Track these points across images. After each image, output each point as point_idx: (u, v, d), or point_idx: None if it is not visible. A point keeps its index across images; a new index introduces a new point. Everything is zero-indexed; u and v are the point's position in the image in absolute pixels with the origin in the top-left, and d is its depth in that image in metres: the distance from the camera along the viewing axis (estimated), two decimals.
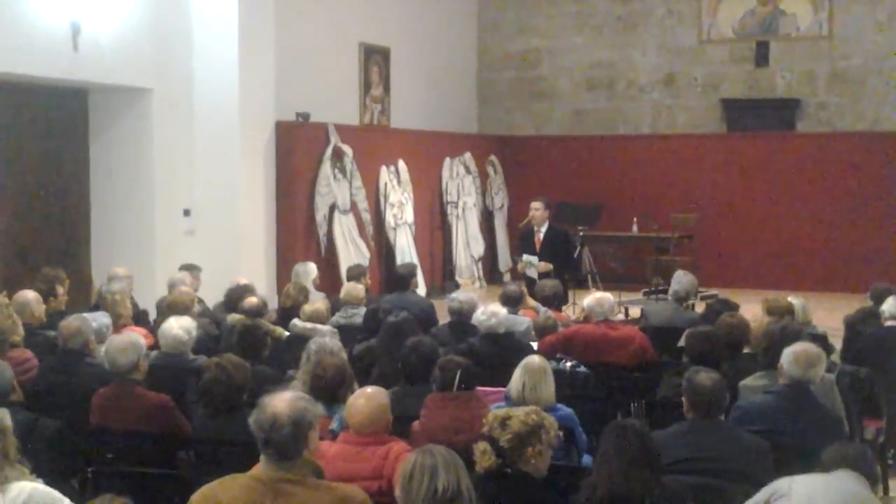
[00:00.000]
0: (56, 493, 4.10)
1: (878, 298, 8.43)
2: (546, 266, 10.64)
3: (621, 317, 11.24)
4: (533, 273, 10.61)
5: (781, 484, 4.20)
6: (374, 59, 15.21)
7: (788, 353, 5.75)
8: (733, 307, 8.17)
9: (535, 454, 4.34)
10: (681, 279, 9.22)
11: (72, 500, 4.06)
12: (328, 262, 12.99)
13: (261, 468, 3.84)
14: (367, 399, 4.80)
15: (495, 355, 7.16)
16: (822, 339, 7.12)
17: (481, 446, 4.35)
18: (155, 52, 11.55)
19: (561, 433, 4.61)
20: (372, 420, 4.73)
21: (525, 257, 10.78)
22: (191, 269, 9.84)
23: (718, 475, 4.41)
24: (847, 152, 15.87)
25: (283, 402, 3.84)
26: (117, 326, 7.50)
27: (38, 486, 4.11)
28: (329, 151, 13.28)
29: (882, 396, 7.06)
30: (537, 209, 11.00)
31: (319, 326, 8.08)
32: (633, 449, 4.23)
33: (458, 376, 5.52)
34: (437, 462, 3.63)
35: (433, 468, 3.62)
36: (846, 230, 15.72)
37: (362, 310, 8.60)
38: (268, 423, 3.77)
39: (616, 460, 4.21)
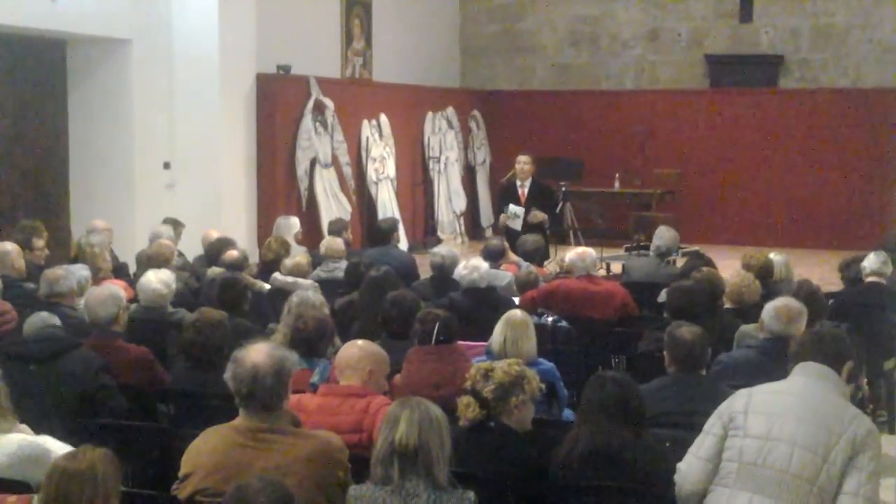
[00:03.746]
0: (46, 444, 4.07)
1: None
2: (542, 216, 10.60)
3: (603, 272, 11.23)
4: (516, 225, 10.54)
5: (737, 406, 3.99)
6: (356, 11, 15.06)
7: (770, 308, 5.78)
8: (707, 261, 8.19)
9: (518, 404, 4.33)
10: (663, 235, 9.22)
11: None
12: (309, 216, 12.92)
13: (241, 420, 3.83)
14: (359, 348, 4.80)
15: (477, 310, 7.15)
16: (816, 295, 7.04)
17: (465, 400, 4.33)
18: (134, 3, 11.39)
19: (543, 387, 4.60)
20: (349, 363, 4.69)
21: (511, 208, 10.69)
22: (174, 223, 9.77)
23: (699, 429, 4.40)
24: (829, 109, 15.87)
25: (260, 353, 3.83)
26: (97, 279, 7.45)
27: (25, 437, 4.08)
28: (310, 105, 13.17)
29: (862, 354, 7.05)
30: (527, 163, 10.93)
31: (300, 280, 8.05)
32: (616, 402, 4.22)
33: (436, 328, 5.50)
34: (401, 414, 3.62)
35: (396, 419, 3.62)
36: (828, 187, 15.74)
37: (343, 264, 8.53)
38: (249, 375, 3.76)
39: (598, 413, 4.21)
